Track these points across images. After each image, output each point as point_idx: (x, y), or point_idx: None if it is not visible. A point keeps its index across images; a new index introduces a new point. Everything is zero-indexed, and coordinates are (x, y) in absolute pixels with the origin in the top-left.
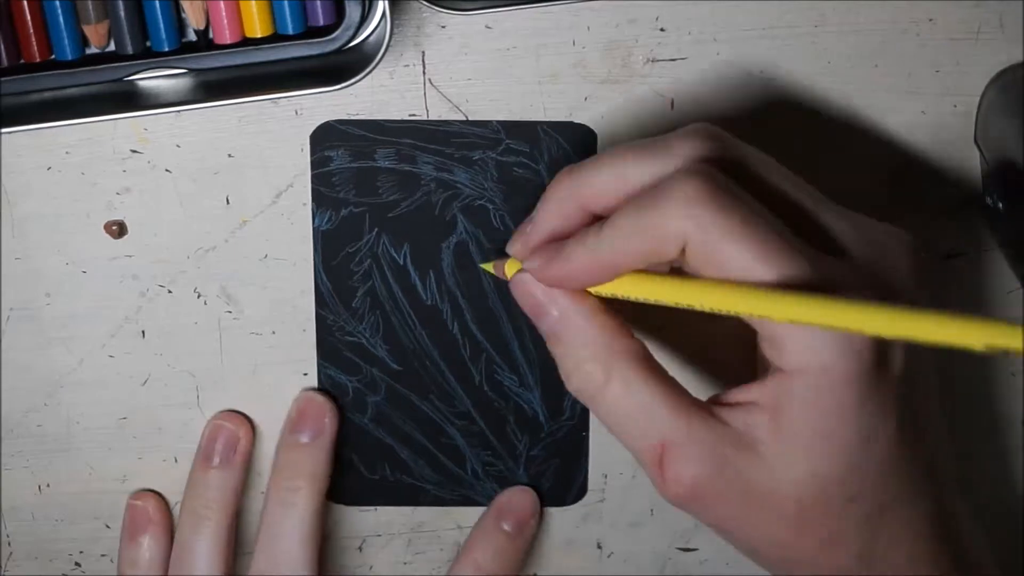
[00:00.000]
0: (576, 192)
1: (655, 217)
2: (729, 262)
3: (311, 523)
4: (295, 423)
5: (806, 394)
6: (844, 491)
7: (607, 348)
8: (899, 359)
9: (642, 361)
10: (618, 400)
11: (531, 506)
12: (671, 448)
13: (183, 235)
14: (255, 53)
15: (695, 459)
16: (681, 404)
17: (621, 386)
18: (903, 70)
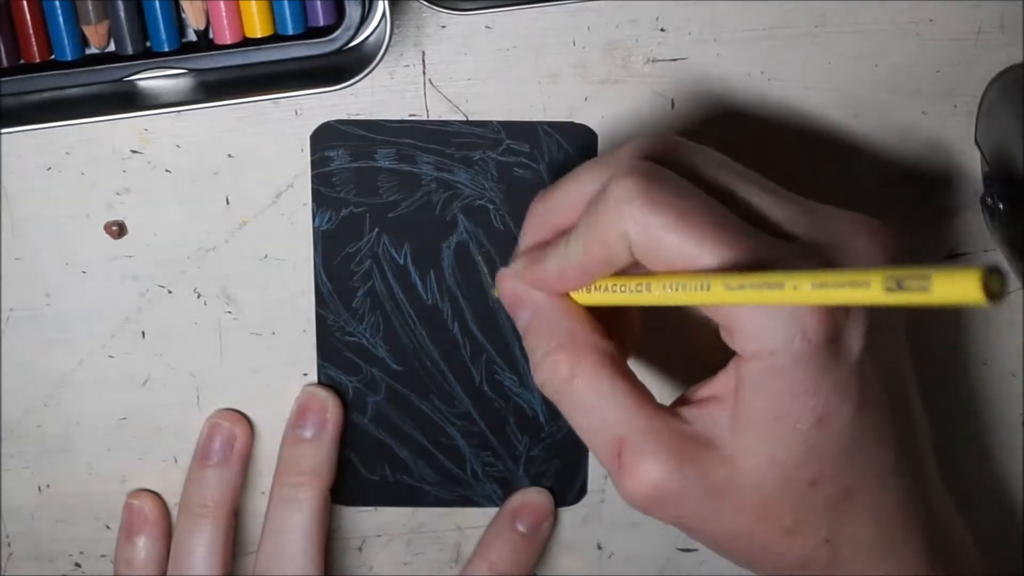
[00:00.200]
0: (546, 214)
1: (598, 224)
2: (670, 254)
3: (315, 520)
4: (297, 418)
5: (759, 378)
6: (804, 474)
7: (574, 342)
8: (857, 338)
9: (608, 359)
10: (581, 394)
11: (547, 507)
12: (630, 443)
13: (183, 235)
14: (255, 53)
15: (654, 455)
16: (643, 403)
17: (585, 380)
18: (903, 70)
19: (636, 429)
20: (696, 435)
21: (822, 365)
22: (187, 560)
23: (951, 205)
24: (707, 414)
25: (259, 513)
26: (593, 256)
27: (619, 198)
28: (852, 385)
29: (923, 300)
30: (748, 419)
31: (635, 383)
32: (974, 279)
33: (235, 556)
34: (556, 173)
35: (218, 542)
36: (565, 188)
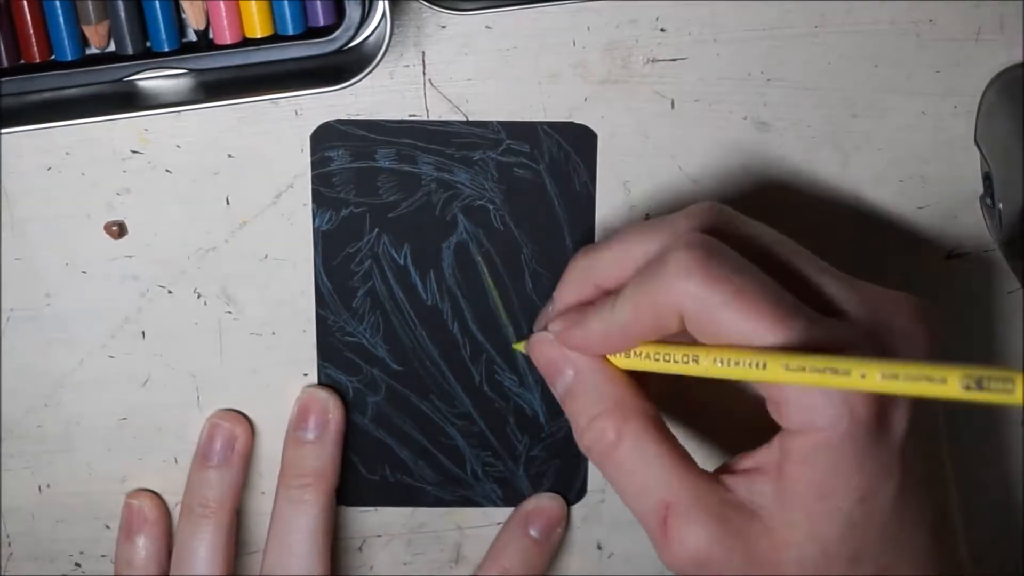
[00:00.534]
0: (589, 272)
1: (652, 292)
2: (725, 330)
3: (321, 520)
4: (299, 420)
5: (805, 454)
6: (844, 551)
7: (620, 407)
8: (902, 419)
9: (654, 423)
10: (627, 459)
11: (559, 512)
12: (675, 510)
13: (183, 235)
14: (255, 53)
15: (698, 523)
16: (688, 469)
17: (631, 445)
18: (903, 70)
19: (681, 495)
20: (740, 505)
21: (867, 445)
22: (189, 561)
23: (951, 205)
24: (751, 484)
25: (260, 513)
26: (642, 323)
27: (677, 270)
28: (895, 466)
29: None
30: (792, 493)
31: (679, 448)
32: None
33: (236, 556)
34: (556, 173)
35: (220, 542)
36: (613, 248)
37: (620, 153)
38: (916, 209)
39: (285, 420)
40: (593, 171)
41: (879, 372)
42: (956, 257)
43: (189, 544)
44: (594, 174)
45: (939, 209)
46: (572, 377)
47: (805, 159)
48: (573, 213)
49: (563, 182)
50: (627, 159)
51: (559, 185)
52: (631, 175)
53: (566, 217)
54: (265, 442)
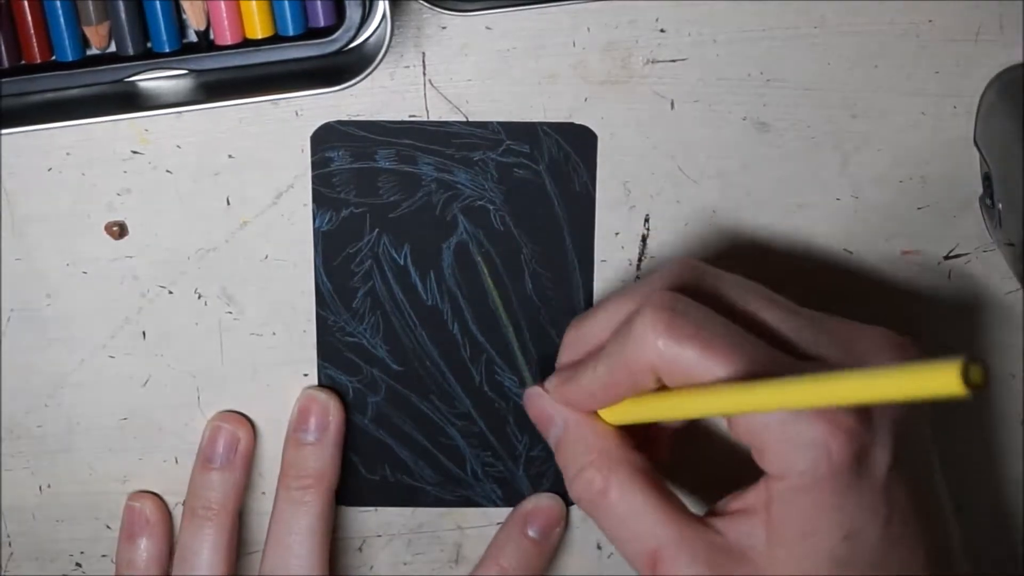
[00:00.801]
0: (579, 340)
1: (624, 354)
2: (693, 374)
3: (321, 521)
4: (299, 422)
5: (788, 496)
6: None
7: (607, 456)
8: (883, 456)
9: (641, 471)
10: (615, 508)
11: (558, 512)
12: (664, 555)
13: (183, 236)
14: (255, 54)
15: (688, 566)
16: (677, 514)
17: (619, 493)
18: (903, 71)
19: (670, 540)
20: (729, 547)
21: (847, 484)
22: (191, 562)
23: (951, 205)
24: (740, 526)
25: (260, 513)
26: (619, 380)
27: (644, 332)
28: (878, 503)
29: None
30: (779, 535)
31: (668, 494)
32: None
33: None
34: (556, 173)
35: (223, 544)
36: (596, 316)
37: (620, 153)
38: (916, 209)
39: (285, 420)
40: (593, 171)
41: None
42: (956, 257)
43: (191, 545)
44: (594, 174)
45: (939, 209)
46: (561, 429)
47: (805, 159)
48: (573, 213)
49: (563, 182)
50: (627, 159)
51: (559, 185)
52: (631, 175)
53: (566, 217)
54: (266, 442)
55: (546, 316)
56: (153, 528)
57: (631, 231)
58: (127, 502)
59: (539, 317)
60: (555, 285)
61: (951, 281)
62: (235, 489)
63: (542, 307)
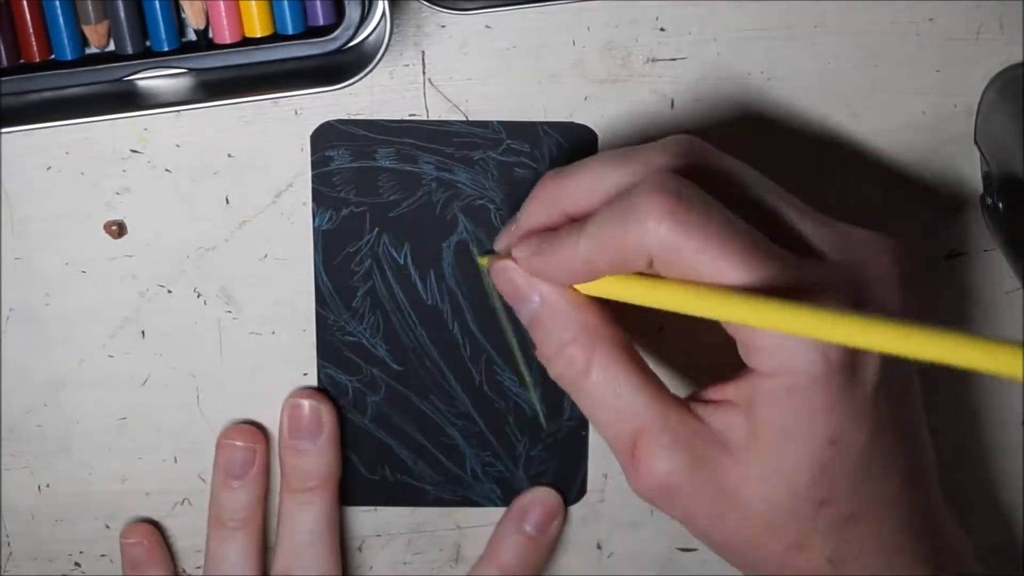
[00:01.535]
0: (556, 197)
1: (621, 232)
2: (697, 274)
3: (329, 520)
4: (291, 432)
5: (776, 396)
6: (814, 494)
7: (589, 333)
8: (874, 366)
9: (624, 350)
10: (597, 387)
11: (555, 506)
12: (645, 438)
13: (183, 235)
14: (255, 53)
15: (669, 449)
16: (660, 396)
17: (601, 372)
18: (903, 70)
19: (651, 423)
20: (710, 436)
21: (840, 389)
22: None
23: (951, 205)
24: (722, 416)
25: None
26: (607, 258)
27: (647, 214)
28: (867, 411)
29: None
30: (762, 434)
31: (650, 375)
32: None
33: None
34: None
35: (253, 550)
36: (582, 175)
37: None
38: (916, 209)
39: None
40: None
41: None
42: (956, 257)
43: (220, 553)
44: None
45: (939, 209)
46: (538, 304)
47: (805, 159)
48: None
49: None
50: None
51: None
52: None
53: None
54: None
55: None
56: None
57: None
58: (122, 540)
59: None
60: None
61: (951, 281)
62: (259, 499)
63: None
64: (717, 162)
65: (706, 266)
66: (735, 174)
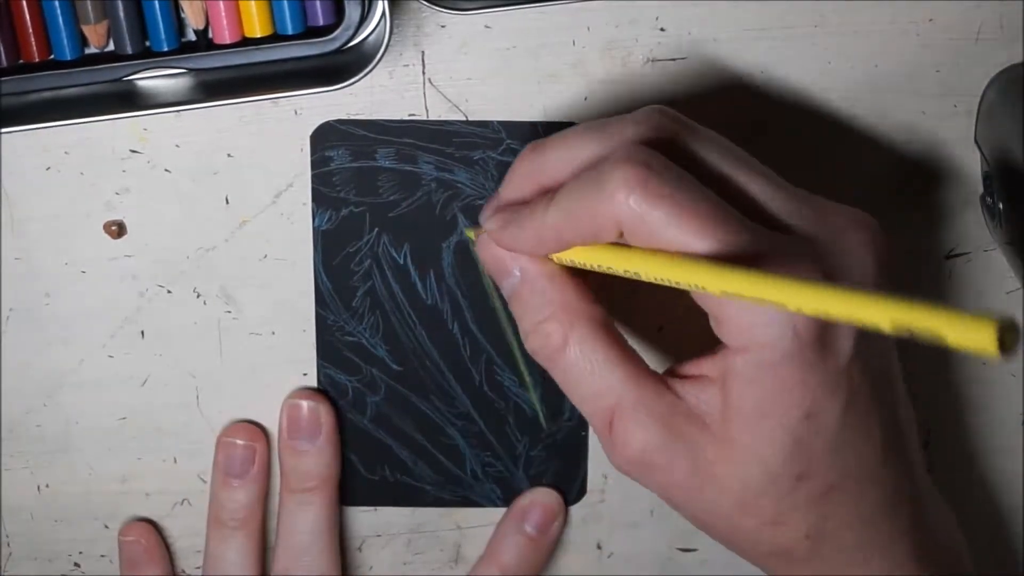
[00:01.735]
0: (534, 170)
1: (589, 205)
2: (665, 244)
3: (328, 520)
4: (290, 432)
5: (748, 371)
6: (790, 469)
7: (567, 309)
8: (847, 338)
9: (601, 326)
10: (575, 361)
11: (556, 507)
12: (622, 412)
13: (183, 235)
14: (255, 53)
15: (645, 425)
16: (636, 372)
17: (578, 348)
18: (903, 70)
19: (628, 398)
20: (687, 411)
21: (811, 362)
22: (221, 568)
23: (951, 205)
24: (699, 392)
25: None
26: (576, 229)
27: (615, 186)
28: (841, 383)
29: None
30: (736, 410)
31: (627, 350)
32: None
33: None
34: None
35: (252, 549)
36: (558, 148)
37: None
38: (916, 209)
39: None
40: None
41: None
42: (956, 257)
43: (219, 552)
44: None
45: (939, 209)
46: (518, 278)
47: (805, 159)
48: None
49: None
50: None
51: None
52: None
53: None
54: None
55: None
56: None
57: None
58: (120, 538)
59: None
60: None
61: (951, 281)
62: (259, 499)
63: None
64: (690, 134)
65: (673, 236)
66: (707, 146)
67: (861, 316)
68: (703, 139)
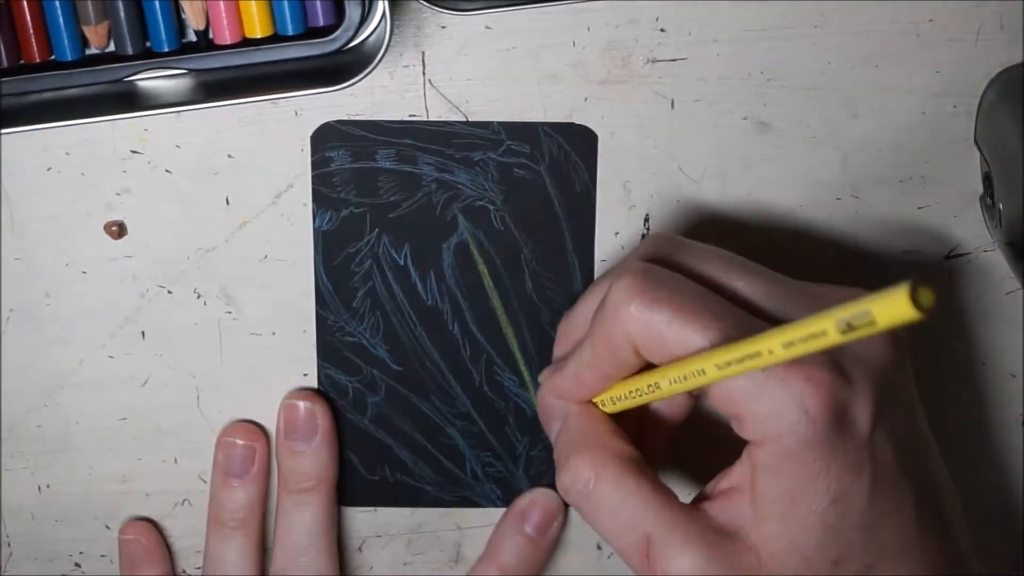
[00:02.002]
0: (568, 331)
1: (602, 326)
2: (672, 346)
3: (326, 520)
4: (287, 432)
5: (771, 463)
6: (825, 555)
7: (596, 446)
8: (864, 411)
9: (630, 461)
10: (605, 498)
11: (555, 507)
12: (657, 539)
13: (183, 235)
14: (255, 53)
15: (682, 548)
16: (667, 503)
17: (608, 484)
18: (903, 70)
19: (661, 525)
20: (720, 527)
21: (831, 444)
22: (221, 568)
23: (951, 205)
24: (729, 505)
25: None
26: (602, 358)
27: (618, 300)
28: (864, 462)
29: (874, 331)
30: (766, 505)
31: (657, 484)
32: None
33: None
34: (556, 174)
35: (251, 549)
36: (582, 303)
37: (620, 153)
38: (916, 209)
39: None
40: (593, 171)
41: (779, 343)
42: (956, 257)
43: (219, 552)
44: (594, 174)
45: (939, 209)
46: (559, 425)
47: (805, 159)
48: (573, 213)
49: (563, 182)
50: (627, 159)
51: (559, 185)
52: (631, 175)
53: (566, 217)
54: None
55: (546, 316)
56: (153, 554)
57: (631, 231)
58: (120, 536)
59: (539, 317)
60: (555, 285)
61: (951, 281)
62: (259, 499)
63: (542, 307)
64: (686, 251)
65: (677, 336)
66: (703, 256)
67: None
68: (697, 251)
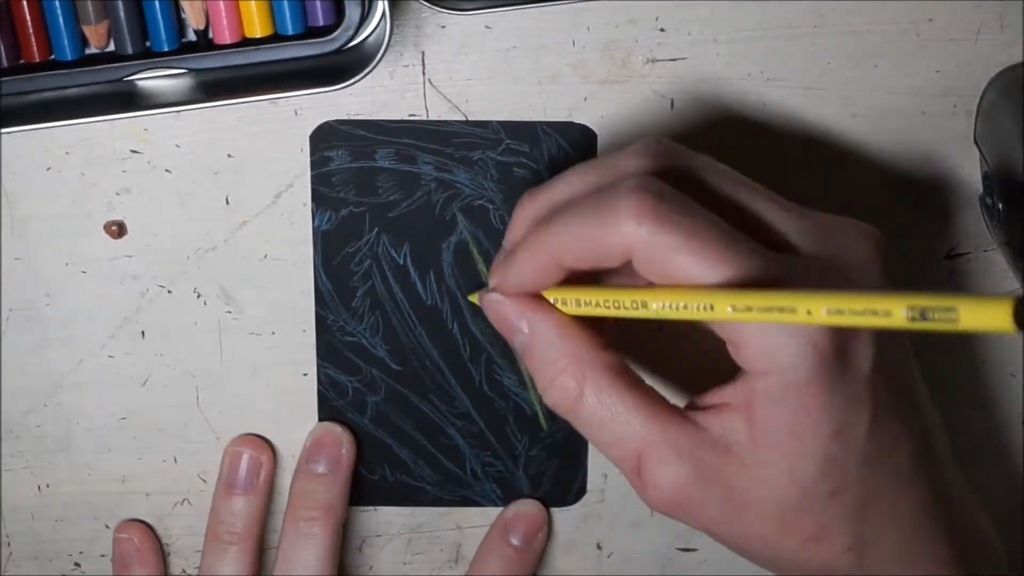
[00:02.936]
0: (535, 215)
1: (596, 230)
2: (677, 272)
3: (328, 554)
4: (311, 452)
5: (773, 393)
6: (824, 486)
7: (579, 360)
8: (867, 350)
9: (616, 371)
10: (594, 411)
11: (540, 518)
12: (648, 454)
13: (183, 235)
14: (255, 53)
15: (673, 464)
16: (657, 411)
17: (595, 397)
18: (903, 70)
19: (652, 439)
20: (712, 441)
21: (835, 379)
22: None
23: (951, 205)
24: (722, 420)
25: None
26: (578, 251)
27: (627, 214)
28: (865, 397)
29: (950, 329)
30: (765, 434)
31: (645, 391)
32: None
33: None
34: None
35: (247, 565)
36: (556, 189)
37: None
38: (916, 209)
39: (285, 420)
40: None
41: (824, 307)
42: (956, 257)
43: (214, 568)
44: None
45: (939, 209)
46: (527, 335)
47: (805, 159)
48: None
49: None
50: None
51: None
52: None
53: None
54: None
55: None
56: (145, 556)
57: None
58: (115, 534)
59: None
60: None
61: (951, 281)
62: (259, 513)
63: None
64: (690, 161)
65: (684, 263)
66: (708, 172)
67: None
68: (703, 165)
